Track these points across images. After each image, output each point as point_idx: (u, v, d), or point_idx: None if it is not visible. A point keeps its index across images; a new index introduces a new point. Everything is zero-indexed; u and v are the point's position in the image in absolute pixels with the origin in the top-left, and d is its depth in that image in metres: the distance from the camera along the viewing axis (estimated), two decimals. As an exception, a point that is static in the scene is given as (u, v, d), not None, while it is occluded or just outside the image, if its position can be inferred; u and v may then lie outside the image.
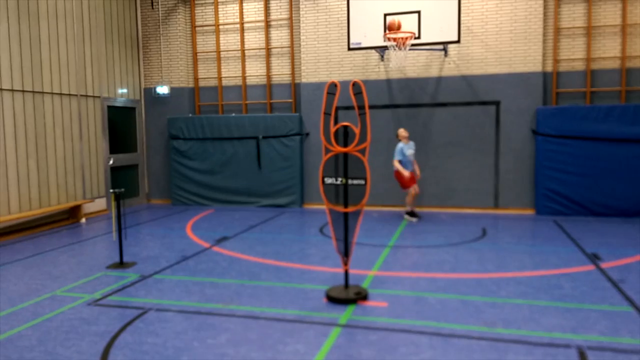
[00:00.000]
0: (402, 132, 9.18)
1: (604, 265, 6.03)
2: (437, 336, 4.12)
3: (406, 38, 8.77)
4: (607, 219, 8.92)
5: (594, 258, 6.35)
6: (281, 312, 4.69)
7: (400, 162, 9.02)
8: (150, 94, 12.03)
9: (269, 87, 11.46)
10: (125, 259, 6.66)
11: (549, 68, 9.81)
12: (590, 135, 9.17)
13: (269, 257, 6.76)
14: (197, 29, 11.89)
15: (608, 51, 9.54)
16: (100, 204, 10.67)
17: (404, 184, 9.09)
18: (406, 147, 9.09)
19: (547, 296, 5.02)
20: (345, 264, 5.14)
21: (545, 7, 9.69)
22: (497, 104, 9.90)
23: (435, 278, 5.74)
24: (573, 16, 9.69)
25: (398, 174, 9.05)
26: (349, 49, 9.54)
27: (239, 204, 11.19)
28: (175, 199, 11.64)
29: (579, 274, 5.72)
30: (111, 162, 10.99)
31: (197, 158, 11.44)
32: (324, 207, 5.34)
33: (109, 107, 11.02)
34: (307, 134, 10.96)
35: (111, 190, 6.64)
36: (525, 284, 5.41)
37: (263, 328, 4.34)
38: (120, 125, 11.44)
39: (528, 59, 9.71)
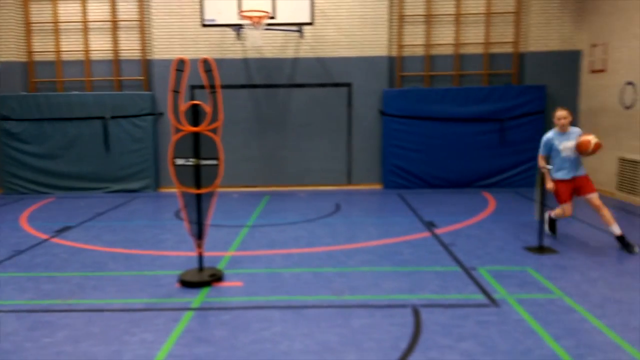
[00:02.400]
0: (559, 113, 5.88)
1: (438, 231, 6.74)
2: (290, 309, 4.26)
3: (261, 17, 8.74)
4: (442, 190, 9.96)
5: (430, 225, 7.05)
6: (129, 302, 4.46)
7: (547, 159, 5.97)
8: (-29, 68, 10.44)
9: (116, 63, 10.64)
10: (-58, 258, 5.79)
11: (394, 53, 10.52)
12: (429, 115, 10.10)
13: (118, 245, 6.36)
14: (27, -5, 10.54)
15: (444, 38, 10.50)
16: None
17: (556, 197, 6.01)
18: (559, 138, 5.86)
19: (388, 262, 5.48)
20: (199, 246, 5.05)
21: (389, -6, 10.34)
22: (349, 85, 10.38)
23: (291, 254, 5.90)
24: (415, 4, 10.46)
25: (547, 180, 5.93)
26: (203, 25, 9.23)
27: (84, 190, 10.31)
28: (7, 187, 10.35)
29: (417, 241, 6.32)
30: None
31: (34, 141, 10.26)
32: (175, 189, 5.16)
33: None
34: (161, 114, 10.45)
35: None
36: (371, 253, 5.83)
37: (108, 320, 4.08)
38: None
39: (376, 43, 10.30)
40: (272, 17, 8.98)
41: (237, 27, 9.65)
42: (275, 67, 10.37)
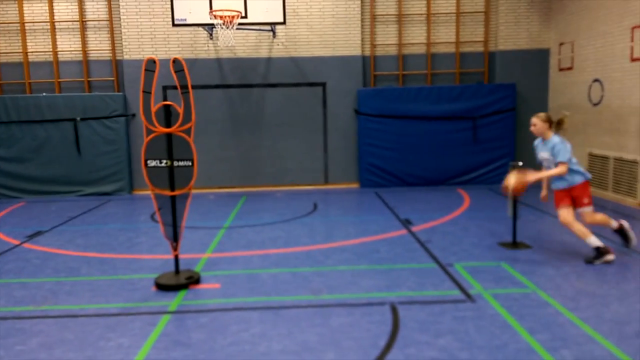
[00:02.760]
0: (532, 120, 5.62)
1: (414, 229, 6.81)
2: (268, 310, 4.25)
3: (233, 17, 8.68)
4: (418, 188, 10.07)
5: (407, 223, 7.12)
6: (104, 307, 4.38)
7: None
8: None
9: (85, 63, 10.41)
10: None
11: (367, 52, 10.58)
12: (403, 114, 10.19)
13: (92, 249, 6.23)
14: (-9, -6, 10.23)
15: (416, 37, 10.61)
16: None
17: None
18: (539, 146, 5.61)
19: (366, 260, 5.51)
20: (175, 249, 4.98)
21: (362, -6, 10.40)
22: (323, 85, 10.40)
23: (269, 254, 5.89)
24: (387, 4, 10.54)
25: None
26: (174, 24, 9.12)
27: (56, 194, 10.07)
28: (-25, 192, 10.04)
29: (394, 238, 6.37)
30: None
31: (2, 144, 9.96)
32: (150, 191, 5.08)
33: None
34: (133, 115, 10.28)
35: None
36: (349, 252, 5.86)
37: (82, 326, 4.00)
38: None
39: (349, 42, 10.34)
40: (244, 17, 8.92)
41: (209, 27, 9.56)
42: (249, 67, 10.31)
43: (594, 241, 5.18)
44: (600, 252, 5.17)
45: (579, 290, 4.50)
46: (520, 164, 5.98)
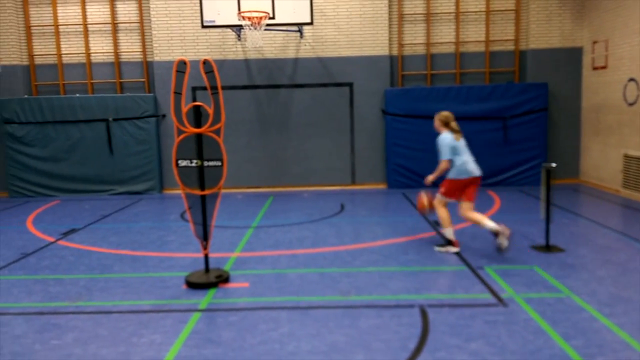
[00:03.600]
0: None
1: (444, 230, 6.71)
2: (296, 310, 4.26)
3: (261, 18, 8.74)
4: (447, 189, 9.92)
5: (436, 225, 7.04)
6: (136, 304, 4.46)
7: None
8: (-27, 72, 10.47)
9: (117, 65, 10.64)
10: (-52, 262, 5.80)
11: (395, 52, 10.51)
12: (432, 114, 9.98)
13: (124, 247, 6.36)
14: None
15: (445, 36, 10.49)
16: None
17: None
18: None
19: (395, 262, 5.47)
20: (205, 248, 5.05)
21: (390, -7, 10.33)
22: (350, 85, 10.38)
23: (296, 254, 5.90)
24: (415, 2, 10.46)
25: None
26: (203, 26, 9.23)
27: (89, 193, 10.32)
28: (12, 190, 10.36)
29: (422, 240, 6.32)
30: None
31: (37, 144, 10.27)
32: (180, 191, 5.17)
33: None
34: (164, 116, 10.45)
35: None
36: (377, 253, 5.83)
37: (115, 322, 4.09)
38: None
39: (376, 42, 10.29)
40: (271, 18, 8.97)
41: (237, 28, 9.65)
42: (277, 67, 10.36)
43: (449, 234, 5.81)
44: (448, 243, 5.82)
45: (614, 296, 4.38)
46: (554, 165, 5.85)
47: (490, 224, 5.42)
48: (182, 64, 4.83)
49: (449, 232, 5.82)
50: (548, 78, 10.24)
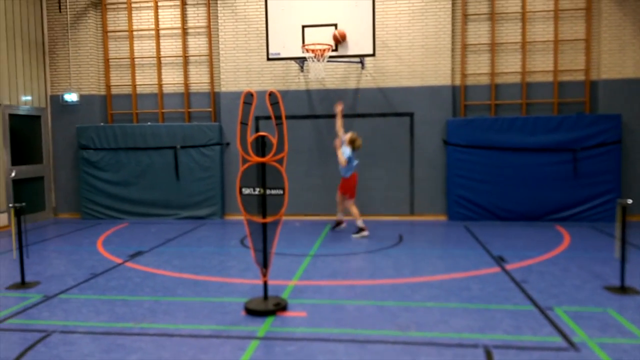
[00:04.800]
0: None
1: (508, 267, 6.44)
2: (354, 343, 4.18)
3: (324, 50, 8.94)
4: (511, 223, 9.56)
5: (500, 260, 6.76)
6: (197, 328, 4.55)
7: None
8: (57, 101, 11.32)
9: (187, 95, 11.18)
10: (28, 278, 6.17)
11: (458, 82, 10.39)
12: (495, 145, 9.81)
13: (187, 271, 6.55)
14: (109, 34, 11.37)
15: (510, 66, 10.27)
16: (0, 219, 9.84)
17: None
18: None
19: (456, 298, 5.27)
20: (264, 275, 5.10)
21: (453, 23, 10.28)
22: (411, 115, 10.32)
23: (354, 285, 5.84)
24: (478, 33, 10.35)
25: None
26: (268, 59, 9.55)
27: (155, 217, 10.76)
28: (85, 212, 10.99)
29: (486, 276, 6.07)
30: (13, 174, 10.17)
31: (110, 169, 10.89)
32: (242, 218, 5.29)
33: (11, 115, 10.22)
34: (228, 144, 10.81)
35: (11, 205, 6.13)
36: (437, 287, 5.65)
37: (177, 345, 4.18)
38: (24, 134, 10.63)
39: (438, 72, 10.23)
40: (334, 50, 9.15)
41: (301, 60, 9.90)
42: (337, 97, 10.46)
43: (360, 223, 8.54)
44: (360, 229, 8.52)
45: None
46: (630, 201, 5.50)
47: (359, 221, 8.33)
48: (249, 95, 4.99)
49: (360, 222, 8.55)
50: (621, 109, 9.74)
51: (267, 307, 4.90)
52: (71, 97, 11.20)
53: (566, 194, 9.61)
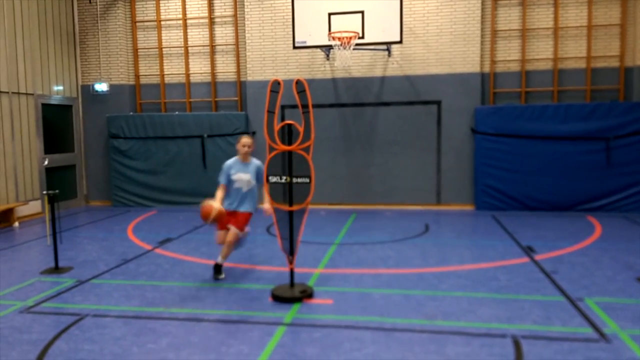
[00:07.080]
0: (243, 140, 5.99)
1: (537, 257, 6.34)
2: (380, 331, 4.19)
3: (350, 38, 8.87)
4: (541, 213, 9.38)
5: (529, 250, 6.66)
6: (225, 314, 4.62)
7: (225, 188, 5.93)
8: (88, 91, 11.56)
9: (213, 84, 11.27)
10: (61, 263, 6.36)
11: (487, 69, 10.19)
12: (525, 134, 9.61)
13: (214, 257, 6.57)
14: (137, 24, 11.51)
15: (541, 53, 10.02)
16: (34, 206, 10.15)
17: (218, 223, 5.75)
18: (237, 167, 5.89)
19: (484, 288, 5.22)
20: (291, 262, 5.13)
21: (482, 9, 10.06)
22: (438, 103, 10.19)
23: (380, 274, 5.83)
24: (509, 19, 10.11)
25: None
26: (294, 47, 9.53)
27: (183, 205, 10.93)
28: (115, 200, 11.24)
29: (514, 266, 5.98)
30: (46, 162, 10.47)
31: (139, 157, 11.09)
32: (268, 206, 5.33)
33: (43, 105, 10.49)
34: (254, 133, 10.87)
35: (44, 192, 6.31)
36: (465, 277, 5.60)
37: (206, 330, 4.26)
38: (56, 124, 10.91)
39: (467, 59, 10.04)
40: (361, 37, 9.07)
41: (327, 48, 9.85)
42: (363, 86, 10.43)
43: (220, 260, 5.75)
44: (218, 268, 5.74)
45: None
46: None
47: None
48: (276, 84, 5.00)
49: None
50: (659, 96, 9.42)
51: (294, 294, 4.95)
52: (101, 86, 11.42)
53: (598, 184, 9.36)
